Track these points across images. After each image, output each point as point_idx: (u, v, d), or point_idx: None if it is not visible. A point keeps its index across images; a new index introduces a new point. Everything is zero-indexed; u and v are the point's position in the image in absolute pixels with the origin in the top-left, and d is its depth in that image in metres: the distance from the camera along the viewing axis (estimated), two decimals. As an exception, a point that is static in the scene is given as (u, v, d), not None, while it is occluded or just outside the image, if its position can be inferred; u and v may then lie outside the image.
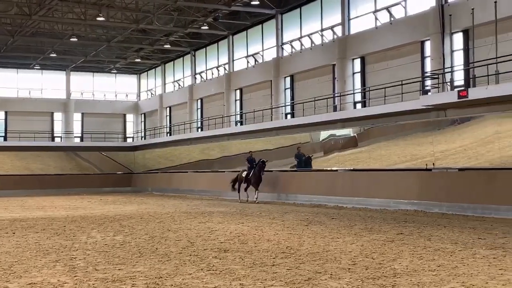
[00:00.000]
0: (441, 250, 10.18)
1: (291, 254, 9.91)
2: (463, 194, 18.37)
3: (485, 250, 10.04)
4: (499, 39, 22.99)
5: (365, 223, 15.57)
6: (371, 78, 31.92)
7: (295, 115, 37.33)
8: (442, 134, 21.27)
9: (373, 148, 24.49)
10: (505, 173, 17.79)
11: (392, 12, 30.18)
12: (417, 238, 11.95)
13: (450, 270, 8.22)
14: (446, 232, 13.00)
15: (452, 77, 26.24)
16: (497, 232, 12.94)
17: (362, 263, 8.89)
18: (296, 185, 27.08)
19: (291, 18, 38.33)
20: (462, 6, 25.88)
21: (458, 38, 27.00)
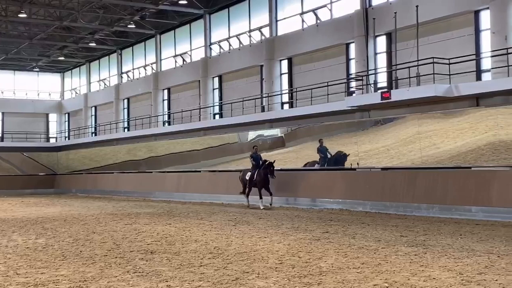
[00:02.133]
0: (365, 248, 10.42)
1: (218, 255, 9.90)
2: (386, 193, 18.88)
3: (407, 248, 10.34)
4: (420, 42, 23.77)
5: (292, 222, 15.75)
6: (298, 79, 32.33)
7: (223, 115, 37.37)
8: (366, 134, 21.78)
9: (300, 148, 24.81)
10: (425, 172, 18.41)
11: (318, 14, 30.67)
12: (342, 237, 12.19)
13: (373, 267, 8.42)
14: (370, 230, 13.32)
15: (375, 79, 26.94)
16: (418, 230, 13.37)
17: (289, 262, 8.99)
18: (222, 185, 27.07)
19: (219, 18, 38.33)
20: (386, 10, 26.59)
21: (382, 41, 27.72)
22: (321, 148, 22.75)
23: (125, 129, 47.86)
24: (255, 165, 22.41)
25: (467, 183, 16.57)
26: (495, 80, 21.50)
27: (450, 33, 24.32)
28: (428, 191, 17.40)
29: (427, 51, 23.80)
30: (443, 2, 24.28)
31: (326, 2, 30.38)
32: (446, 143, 18.42)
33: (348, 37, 28.79)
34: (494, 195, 15.59)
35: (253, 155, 22.66)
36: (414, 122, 19.74)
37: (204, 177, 28.83)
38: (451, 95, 21.55)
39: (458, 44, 23.87)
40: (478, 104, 21.33)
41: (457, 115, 18.97)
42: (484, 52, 23.33)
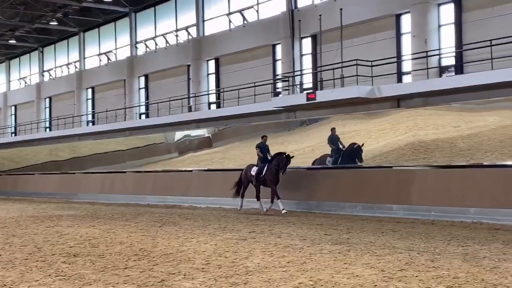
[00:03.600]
0: (291, 246, 10.54)
1: (144, 256, 9.76)
2: (311, 192, 19.15)
3: (331, 246, 10.53)
4: (344, 44, 24.28)
5: (219, 222, 15.74)
6: (225, 79, 32.37)
7: (150, 115, 36.95)
8: (292, 134, 22.03)
9: (227, 148, 24.83)
10: (348, 172, 18.80)
11: (245, 15, 30.82)
12: (268, 236, 12.28)
13: (299, 265, 8.52)
14: (296, 229, 13.48)
15: (301, 80, 27.33)
16: (342, 228, 13.64)
17: (216, 262, 8.97)
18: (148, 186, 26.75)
19: (145, 16, 37.87)
20: (311, 12, 27.01)
21: (307, 43, 28.15)
22: (332, 137, 19.38)
23: (47, 129, 46.50)
24: (262, 158, 18.78)
25: (389, 182, 17.04)
26: (415, 82, 22.23)
27: (373, 36, 24.98)
28: (352, 190, 17.78)
29: (351, 53, 24.34)
30: (366, 5, 24.90)
31: (253, 3, 30.56)
32: (368, 143, 18.87)
33: (274, 38, 29.07)
34: (414, 194, 16.10)
35: (260, 145, 19.05)
36: (338, 123, 20.12)
37: (129, 178, 28.39)
38: (373, 96, 22.11)
39: (381, 46, 24.54)
40: (399, 105, 21.98)
41: (379, 116, 19.49)
42: (404, 55, 24.09)
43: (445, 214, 14.77)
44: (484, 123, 16.79)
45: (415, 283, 7.11)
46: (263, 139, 19.25)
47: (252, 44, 30.22)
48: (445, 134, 17.17)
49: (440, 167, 16.16)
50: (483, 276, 7.34)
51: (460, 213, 14.54)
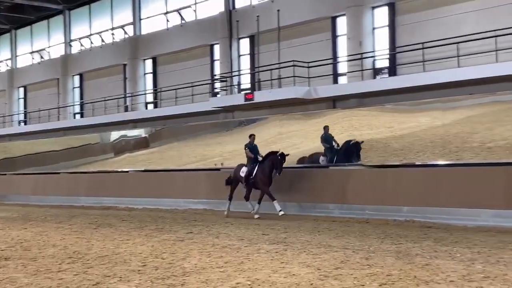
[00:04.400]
0: (228, 247, 10.54)
1: (78, 259, 9.55)
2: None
3: (269, 245, 10.59)
4: (282, 45, 24.49)
5: (156, 223, 15.58)
6: (162, 79, 32.09)
7: (85, 115, 36.20)
8: (230, 135, 22.05)
9: (165, 148, 24.60)
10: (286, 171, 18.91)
11: (182, 14, 30.64)
12: (206, 236, 12.24)
13: (236, 266, 8.53)
14: (233, 230, 13.49)
15: (239, 80, 27.39)
16: (279, 227, 13.73)
17: (152, 264, 8.87)
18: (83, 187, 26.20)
19: (80, 14, 37.10)
20: (249, 13, 27.11)
21: (245, 43, 28.23)
22: (325, 136, 17.99)
23: (-23, 129, 44.89)
24: (252, 158, 17.16)
25: (325, 182, 17.25)
26: (351, 83, 22.66)
27: (309, 38, 25.29)
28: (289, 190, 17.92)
29: (289, 54, 24.57)
30: (303, 7, 25.18)
31: (190, 3, 30.42)
32: (305, 143, 19.08)
33: (212, 39, 29.02)
34: (349, 193, 16.37)
35: (249, 145, 17.40)
36: (276, 123, 20.27)
37: (63, 179, 27.72)
38: (310, 97, 22.40)
39: (317, 48, 24.87)
40: (335, 106, 22.35)
41: (316, 116, 19.74)
42: (340, 57, 24.50)
43: (379, 213, 15.08)
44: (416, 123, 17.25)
45: (350, 281, 7.23)
46: (251, 138, 17.55)
47: (190, 44, 30.07)
48: (379, 134, 17.55)
49: (375, 167, 16.50)
50: (416, 273, 7.53)
51: (393, 211, 14.88)
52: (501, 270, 7.61)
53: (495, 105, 17.36)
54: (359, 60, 22.74)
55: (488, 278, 7.11)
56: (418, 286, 6.82)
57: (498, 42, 18.87)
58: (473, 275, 7.32)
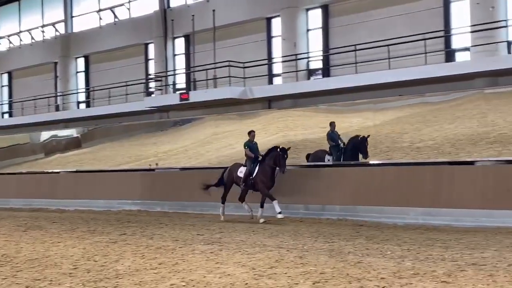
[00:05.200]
0: (163, 248, 10.44)
1: (7, 262, 9.25)
2: (183, 192, 19.07)
3: (203, 246, 10.56)
4: (217, 45, 24.48)
5: (88, 225, 15.26)
6: (95, 78, 31.49)
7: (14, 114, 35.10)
8: (165, 135, 21.88)
9: (98, 149, 24.17)
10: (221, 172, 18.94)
11: (116, 13, 30.16)
12: (139, 238, 12.08)
13: (171, 267, 8.46)
14: (168, 230, 13.38)
15: (174, 80, 27.20)
16: (214, 228, 13.72)
17: (84, 267, 8.69)
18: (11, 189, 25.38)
19: (8, 11, 35.95)
20: (184, 12, 26.96)
21: (180, 43, 28.06)
22: (332, 133, 16.77)
23: None
24: (251, 158, 15.28)
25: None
26: (285, 84, 22.88)
27: (245, 38, 25.37)
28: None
29: (224, 54, 24.59)
30: (238, 8, 25.25)
31: (124, 1, 29.99)
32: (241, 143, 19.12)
33: (147, 37, 28.71)
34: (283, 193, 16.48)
35: (249, 143, 15.42)
36: (212, 123, 20.26)
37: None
38: (245, 97, 22.48)
39: (252, 48, 24.99)
40: (270, 106, 22.52)
41: (251, 116, 19.84)
42: (275, 57, 24.70)
43: (313, 212, 15.27)
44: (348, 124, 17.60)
45: (284, 279, 7.29)
46: (250, 135, 15.51)
47: (123, 42, 29.63)
48: (313, 134, 17.81)
49: (308, 167, 16.70)
50: (348, 271, 7.67)
51: (326, 210, 15.11)
52: (429, 266, 7.84)
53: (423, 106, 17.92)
54: (294, 61, 22.99)
55: (418, 274, 7.31)
56: (350, 283, 6.95)
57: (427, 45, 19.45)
58: (403, 272, 7.51)
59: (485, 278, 6.96)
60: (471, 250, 9.17)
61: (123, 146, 23.07)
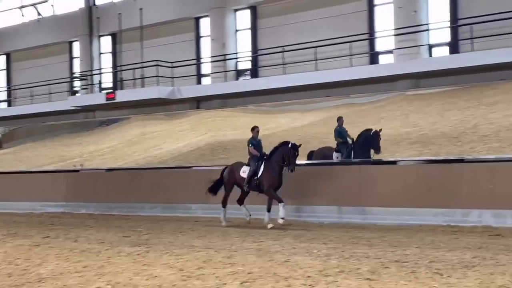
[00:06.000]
0: (88, 250, 10.21)
1: None
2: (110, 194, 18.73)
3: (130, 248, 10.39)
4: (145, 44, 24.18)
5: (9, 228, 14.73)
6: (17, 76, 30.47)
7: None
8: (91, 135, 21.46)
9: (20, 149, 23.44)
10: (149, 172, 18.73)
11: (39, 9, 29.29)
12: (63, 241, 11.77)
13: (96, 270, 8.28)
14: (93, 233, 13.10)
15: (100, 79, 26.67)
16: (141, 229, 13.53)
17: (5, 271, 8.39)
18: None
19: None
20: (110, 10, 26.49)
21: (107, 41, 27.55)
22: (340, 129, 15.38)
23: None
24: (256, 156, 13.60)
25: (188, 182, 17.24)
26: (214, 84, 22.87)
27: (173, 37, 25.18)
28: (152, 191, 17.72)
29: (152, 53, 24.31)
30: (166, 7, 25.04)
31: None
32: (169, 143, 19.02)
33: (71, 35, 28.03)
34: (212, 193, 16.47)
35: (252, 140, 13.73)
36: (139, 123, 20.02)
37: None
38: (174, 97, 22.31)
39: (181, 48, 24.83)
40: (199, 107, 22.45)
41: (180, 116, 19.74)
42: (204, 58, 24.65)
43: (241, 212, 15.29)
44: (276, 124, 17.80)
45: (212, 280, 7.28)
46: (254, 131, 13.84)
47: (47, 40, 28.80)
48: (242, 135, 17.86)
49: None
50: (275, 270, 7.73)
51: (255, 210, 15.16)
52: (354, 264, 8.01)
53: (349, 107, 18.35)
54: (223, 61, 23.00)
55: (343, 272, 7.46)
56: (277, 282, 7.01)
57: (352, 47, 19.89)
58: (328, 269, 7.64)
59: (407, 274, 7.17)
60: (394, 248, 9.42)
61: (46, 146, 22.45)
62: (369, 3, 21.04)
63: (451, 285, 6.53)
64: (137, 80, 23.77)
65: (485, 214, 11.79)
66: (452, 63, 17.94)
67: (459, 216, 11.81)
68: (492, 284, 6.48)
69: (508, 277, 6.78)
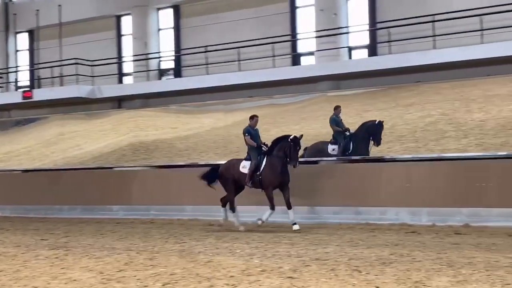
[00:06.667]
0: (3, 254, 9.84)
1: None
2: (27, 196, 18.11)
3: (48, 251, 10.09)
4: (64, 42, 23.55)
5: None
6: None
7: None
8: (6, 135, 20.72)
9: None
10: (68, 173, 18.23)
11: (-50, 3, 27.99)
12: (-23, 245, 11.30)
13: (12, 274, 7.99)
14: (9, 236, 12.65)
15: (16, 77, 25.81)
16: (60, 232, 13.18)
17: None
18: None
19: None
20: (27, 7, 25.67)
21: (23, 38, 26.69)
22: (336, 118, 14.13)
23: None
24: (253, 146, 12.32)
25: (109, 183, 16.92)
26: (136, 83, 22.56)
27: (94, 35, 24.66)
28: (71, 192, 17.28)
29: (71, 51, 23.70)
30: (87, 4, 24.51)
31: (-40, -9, 27.91)
32: (89, 144, 18.61)
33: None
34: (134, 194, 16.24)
35: (249, 129, 12.37)
36: (57, 123, 19.49)
37: None
38: (94, 96, 21.88)
39: (102, 46, 24.34)
40: (120, 106, 22.10)
41: (100, 116, 19.36)
42: (125, 56, 24.27)
43: (164, 213, 15.18)
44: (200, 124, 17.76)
45: (134, 282, 7.17)
46: (253, 120, 12.50)
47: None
48: (164, 135, 17.75)
49: (160, 167, 16.58)
50: (198, 271, 7.70)
51: (178, 211, 15.07)
52: (276, 263, 8.09)
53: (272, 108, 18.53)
54: (145, 60, 22.73)
55: (265, 271, 7.52)
56: (200, 283, 6.98)
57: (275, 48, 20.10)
58: (251, 269, 7.68)
59: (328, 272, 7.31)
60: (315, 246, 9.59)
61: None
62: (291, 5, 21.33)
63: (369, 281, 6.71)
64: (55, 78, 23.13)
65: (401, 212, 12.17)
66: (370, 65, 18.45)
67: (377, 214, 12.14)
68: (409, 280, 6.70)
69: (424, 273, 7.03)
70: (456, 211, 11.67)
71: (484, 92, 17.13)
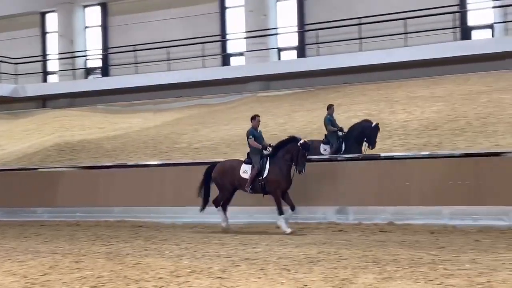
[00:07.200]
0: None
1: None
2: None
3: None
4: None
5: None
6: None
7: None
8: None
9: None
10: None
11: None
12: None
13: None
14: None
15: None
16: (-19, 235, 12.72)
17: None
18: None
19: None
20: None
21: None
22: (330, 117, 13.63)
23: None
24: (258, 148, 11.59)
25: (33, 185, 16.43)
26: (61, 82, 22.03)
27: (17, 33, 23.94)
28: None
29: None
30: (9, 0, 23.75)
31: None
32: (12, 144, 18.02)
33: None
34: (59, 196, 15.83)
35: (253, 131, 11.69)
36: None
37: None
38: (17, 95, 21.29)
39: (25, 44, 23.64)
40: (45, 106, 21.55)
41: (24, 116, 18.82)
42: (50, 54, 23.65)
43: (90, 215, 14.87)
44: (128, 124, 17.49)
45: (59, 286, 7.00)
46: (255, 120, 11.77)
47: None
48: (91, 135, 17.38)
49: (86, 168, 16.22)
50: (126, 273, 7.59)
51: (105, 212, 14.80)
52: (206, 263, 8.08)
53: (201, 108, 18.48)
54: (71, 58, 22.21)
55: (195, 272, 7.49)
56: (128, 285, 6.88)
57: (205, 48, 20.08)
58: (180, 270, 7.64)
59: (257, 271, 7.36)
60: (245, 246, 9.63)
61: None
62: (221, 5, 21.36)
63: (298, 280, 6.79)
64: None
65: (329, 211, 12.39)
66: (299, 67, 18.72)
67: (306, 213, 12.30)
68: (336, 277, 6.82)
69: (350, 271, 7.18)
70: (381, 209, 11.97)
71: (408, 93, 17.67)
